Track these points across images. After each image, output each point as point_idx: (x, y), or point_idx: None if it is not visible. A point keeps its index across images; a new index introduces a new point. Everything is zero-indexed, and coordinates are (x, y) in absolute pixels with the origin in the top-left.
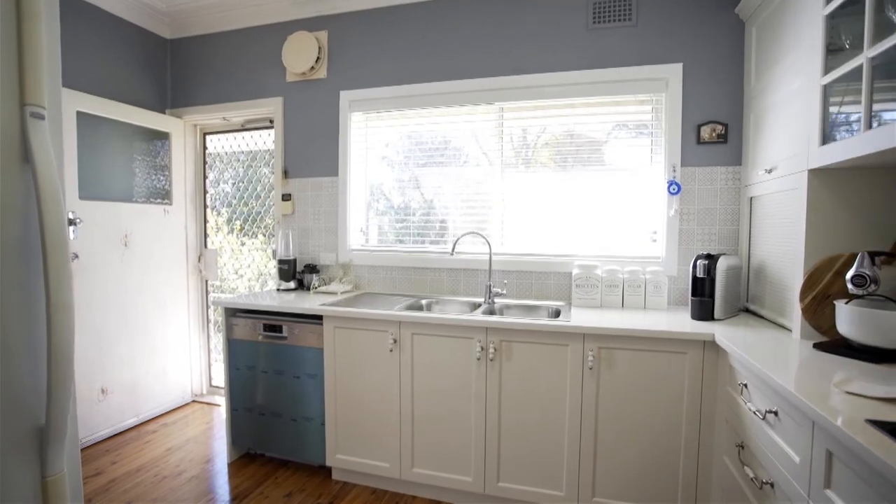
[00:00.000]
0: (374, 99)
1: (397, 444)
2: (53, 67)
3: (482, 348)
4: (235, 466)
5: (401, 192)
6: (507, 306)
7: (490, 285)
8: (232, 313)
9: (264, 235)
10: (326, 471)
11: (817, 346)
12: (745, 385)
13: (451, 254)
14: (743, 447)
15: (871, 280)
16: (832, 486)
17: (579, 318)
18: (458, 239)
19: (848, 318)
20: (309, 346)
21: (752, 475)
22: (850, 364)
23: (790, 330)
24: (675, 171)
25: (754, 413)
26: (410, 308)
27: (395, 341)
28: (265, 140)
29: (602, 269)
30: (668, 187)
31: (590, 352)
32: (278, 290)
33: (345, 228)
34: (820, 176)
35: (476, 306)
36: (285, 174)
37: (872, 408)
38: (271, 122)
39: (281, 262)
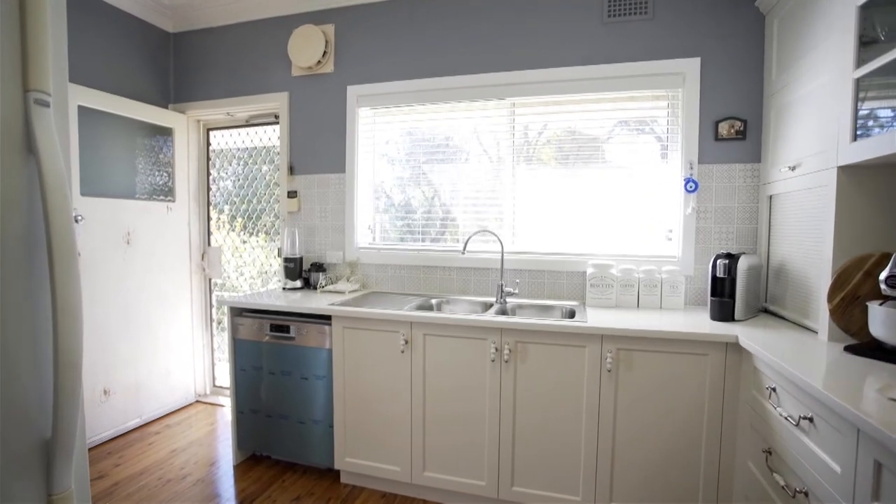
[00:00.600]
0: (382, 94)
1: (408, 448)
2: (59, 52)
3: (497, 349)
4: (241, 469)
5: (409, 189)
6: (520, 306)
7: (502, 284)
8: (238, 313)
9: (265, 233)
10: (335, 474)
11: (848, 348)
12: (774, 389)
13: (463, 252)
14: (771, 453)
15: None
16: (881, 498)
17: (596, 318)
18: (469, 237)
19: (882, 320)
20: (317, 347)
21: (782, 483)
22: (885, 368)
23: (815, 332)
24: (692, 168)
25: (786, 419)
26: (420, 308)
27: (406, 342)
28: (270, 136)
29: (617, 269)
30: (686, 185)
31: (608, 353)
32: (284, 289)
33: (352, 226)
34: (849, 173)
35: (488, 306)
36: (291, 170)
37: None
38: (276, 117)
39: (287, 260)
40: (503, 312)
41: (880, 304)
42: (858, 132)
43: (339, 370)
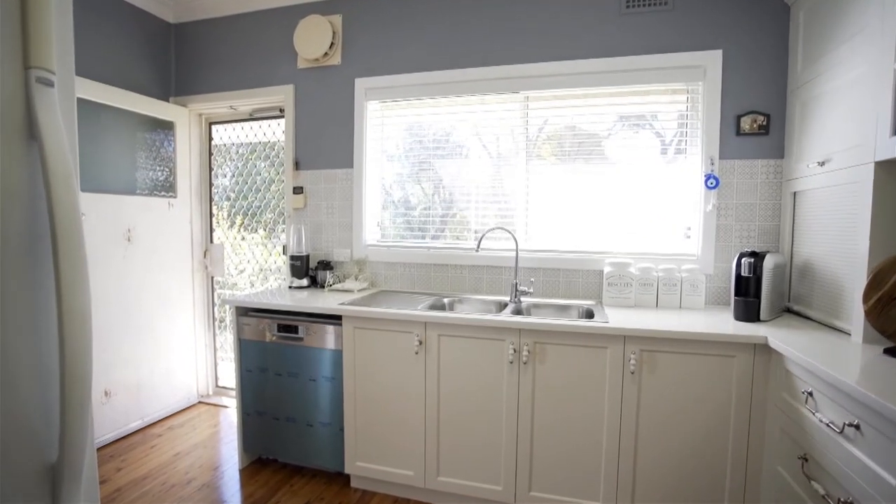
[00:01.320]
0: (391, 87)
1: (422, 451)
2: (64, 25)
3: (515, 350)
4: (247, 473)
5: (418, 184)
6: (536, 305)
7: (517, 283)
8: (243, 312)
9: (265, 230)
10: (344, 478)
11: (888, 351)
12: (811, 393)
13: (476, 250)
14: (807, 459)
15: None
16: None
17: (616, 318)
18: (483, 235)
19: None
20: (326, 348)
21: (822, 492)
22: None
23: (847, 333)
24: (713, 164)
25: (827, 425)
26: (433, 307)
27: (420, 343)
28: (274, 130)
29: (635, 267)
30: (706, 181)
31: (632, 355)
32: (290, 287)
33: (360, 223)
34: (888, 168)
35: (502, 305)
36: (296, 166)
37: None
38: (281, 111)
39: (293, 258)
40: (518, 312)
41: None
42: None
43: (349, 371)
